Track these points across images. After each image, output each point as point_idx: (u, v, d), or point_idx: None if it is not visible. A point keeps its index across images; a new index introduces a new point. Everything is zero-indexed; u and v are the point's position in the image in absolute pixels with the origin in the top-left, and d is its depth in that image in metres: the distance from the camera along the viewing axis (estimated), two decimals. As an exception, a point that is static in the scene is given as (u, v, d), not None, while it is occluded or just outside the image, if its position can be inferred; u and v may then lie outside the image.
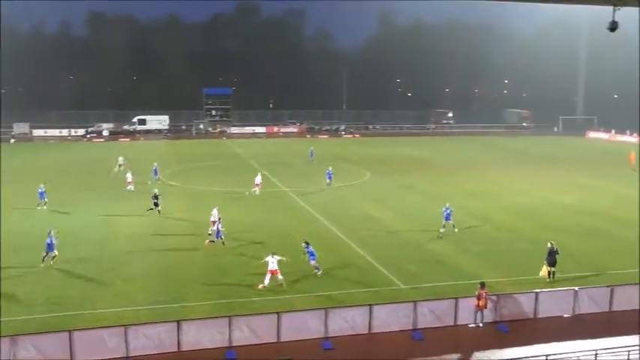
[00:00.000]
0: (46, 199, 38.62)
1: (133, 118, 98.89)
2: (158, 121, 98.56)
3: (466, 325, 21.58)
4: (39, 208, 38.11)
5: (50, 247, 26.91)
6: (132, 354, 18.97)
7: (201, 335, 19.65)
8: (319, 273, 25.95)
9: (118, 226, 34.68)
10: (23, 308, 22.31)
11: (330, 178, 46.81)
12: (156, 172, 48.77)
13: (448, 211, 33.48)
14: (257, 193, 43.46)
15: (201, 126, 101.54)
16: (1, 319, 21.09)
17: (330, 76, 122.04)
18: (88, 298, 23.47)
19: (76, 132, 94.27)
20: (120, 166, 52.76)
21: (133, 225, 34.99)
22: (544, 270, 25.93)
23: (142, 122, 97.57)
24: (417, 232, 33.92)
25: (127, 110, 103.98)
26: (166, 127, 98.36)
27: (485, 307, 21.50)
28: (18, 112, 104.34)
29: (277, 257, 24.86)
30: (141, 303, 22.98)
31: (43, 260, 26.77)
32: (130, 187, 44.55)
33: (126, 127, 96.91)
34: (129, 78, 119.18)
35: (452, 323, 21.56)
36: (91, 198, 42.45)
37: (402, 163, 62.82)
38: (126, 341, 18.99)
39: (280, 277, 24.56)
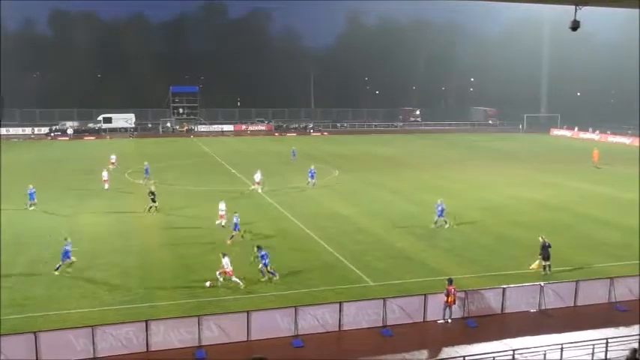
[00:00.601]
0: (35, 200, 37.86)
1: (98, 116, 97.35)
2: (124, 119, 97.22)
3: (435, 321, 21.81)
4: (31, 208, 37.32)
5: (66, 254, 25.79)
6: (99, 355, 18.70)
7: (170, 335, 19.48)
8: (275, 278, 25.01)
9: (84, 226, 34.09)
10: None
11: (312, 177, 46.46)
12: (147, 171, 47.79)
13: (441, 207, 33.96)
14: (259, 191, 43.06)
15: (168, 124, 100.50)
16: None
17: (298, 75, 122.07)
18: (53, 298, 23.04)
19: (39, 130, 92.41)
20: (112, 164, 52.33)
21: (99, 224, 34.49)
22: (537, 264, 26.36)
23: (108, 120, 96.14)
24: (385, 229, 34.15)
25: (92, 108, 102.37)
26: (132, 126, 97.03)
27: (454, 303, 21.77)
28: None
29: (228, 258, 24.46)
30: (109, 303, 22.67)
31: (57, 269, 25.55)
32: (106, 185, 44.02)
33: (91, 125, 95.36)
34: (94, 76, 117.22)
35: (421, 319, 21.77)
36: (58, 196, 41.63)
37: (371, 161, 63.17)
38: (93, 342, 18.71)
39: (235, 279, 24.15)
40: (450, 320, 21.82)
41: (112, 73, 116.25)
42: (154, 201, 37.13)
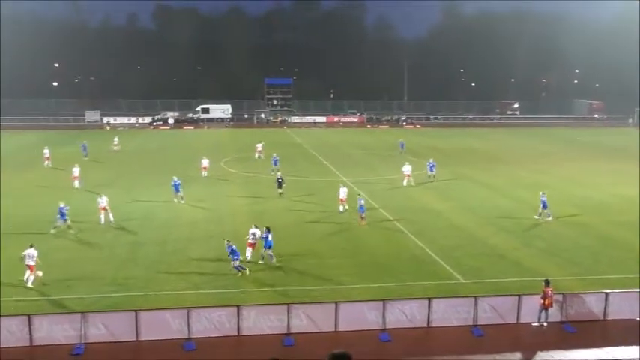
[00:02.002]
0: (181, 192, 37.50)
1: (197, 107, 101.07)
2: (221, 110, 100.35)
3: (529, 323, 20.93)
4: (175, 201, 37.16)
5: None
6: (194, 335, 19.42)
7: (260, 321, 19.90)
8: (273, 261, 25.84)
9: (182, 211, 35.47)
10: (93, 287, 23.20)
11: (431, 170, 45.72)
12: (275, 162, 48.80)
13: (544, 200, 33.61)
14: (412, 184, 43.57)
15: (263, 115, 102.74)
16: (72, 297, 22.03)
17: (392, 67, 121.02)
18: (152, 279, 24.17)
19: (143, 120, 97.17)
20: (259, 152, 55.48)
21: (195, 210, 35.76)
22: None
23: (206, 111, 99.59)
24: (478, 225, 33.22)
25: (191, 99, 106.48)
26: (229, 116, 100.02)
27: (551, 306, 20.75)
28: (90, 100, 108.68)
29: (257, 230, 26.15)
30: (203, 287, 23.48)
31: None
32: (205, 173, 46.14)
33: (190, 115, 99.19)
34: (193, 68, 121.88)
35: (514, 321, 20.97)
36: (159, 183, 43.49)
37: (465, 155, 61.66)
38: (188, 323, 19.45)
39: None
40: (545, 323, 20.87)
41: (210, 65, 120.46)
42: (280, 187, 39.14)
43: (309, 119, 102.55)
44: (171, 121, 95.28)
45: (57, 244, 28.42)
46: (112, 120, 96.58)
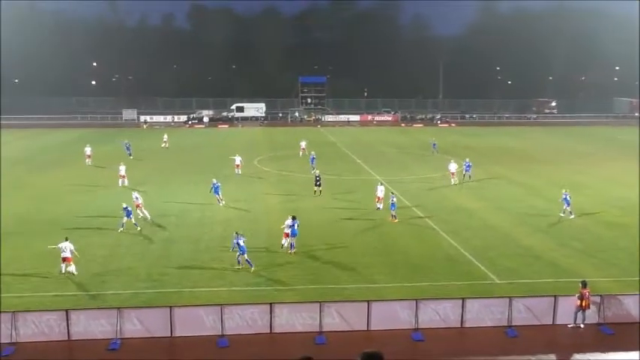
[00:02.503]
0: (220, 195, 37.07)
1: (232, 105, 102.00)
2: (255, 109, 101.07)
3: (565, 325, 20.57)
4: (220, 204, 36.66)
5: (242, 249, 25.00)
6: (227, 332, 19.61)
7: (292, 319, 19.99)
8: (292, 251, 27.09)
9: (215, 210, 35.82)
10: (128, 283, 23.64)
11: (468, 169, 45.38)
12: (313, 160, 49.36)
13: (566, 197, 33.77)
14: (457, 182, 43.67)
15: (297, 114, 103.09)
16: (108, 293, 22.48)
17: (427, 65, 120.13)
18: (185, 276, 24.48)
19: (179, 118, 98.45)
20: (302, 149, 56.64)
21: (229, 208, 36.08)
22: None
23: (240, 109, 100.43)
24: (513, 225, 32.76)
25: (226, 98, 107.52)
26: (263, 115, 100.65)
27: (588, 308, 20.35)
28: (127, 99, 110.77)
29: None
30: (236, 284, 23.69)
31: (239, 263, 25.15)
32: (238, 170, 46.62)
33: (224, 114, 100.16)
34: (228, 67, 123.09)
35: (550, 322, 20.62)
36: (194, 181, 44.04)
37: (500, 154, 60.83)
38: (222, 320, 19.65)
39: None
40: (582, 325, 20.47)
41: (245, 64, 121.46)
42: (318, 185, 39.35)
43: (342, 118, 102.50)
44: (206, 119, 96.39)
45: (94, 241, 29.02)
46: (148, 118, 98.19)
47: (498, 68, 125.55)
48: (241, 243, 25.08)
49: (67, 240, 24.53)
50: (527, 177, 47.38)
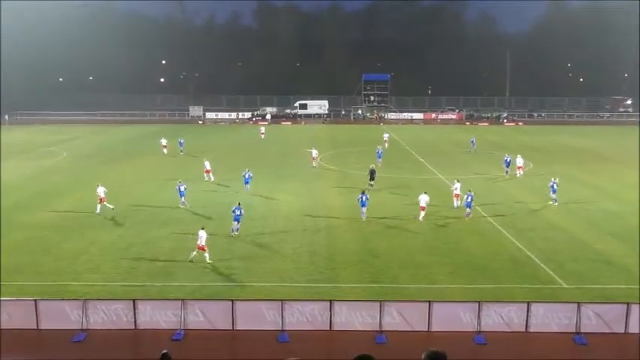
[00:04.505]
0: (247, 187, 39.19)
1: (295, 102, 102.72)
2: (318, 106, 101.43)
3: (638, 334, 19.63)
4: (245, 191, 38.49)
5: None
6: (287, 328, 19.76)
7: (352, 317, 19.94)
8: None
9: (279, 204, 36.18)
10: (194, 275, 24.18)
11: (507, 165, 45.97)
12: (379, 155, 50.57)
13: (553, 184, 36.22)
14: (520, 176, 44.54)
15: (360, 111, 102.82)
16: (174, 284, 23.07)
17: (493, 62, 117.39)
18: (249, 271, 24.82)
19: (243, 115, 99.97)
20: (385, 142, 59.34)
21: (291, 203, 36.38)
22: None
23: (303, 107, 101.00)
24: (582, 228, 31.57)
25: (289, 95, 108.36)
26: (326, 112, 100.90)
27: (663, 317, 19.39)
28: (193, 96, 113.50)
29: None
30: (297, 280, 23.86)
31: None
32: (314, 163, 48.59)
33: (288, 111, 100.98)
34: (292, 65, 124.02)
35: (622, 331, 19.72)
36: (256, 176, 44.60)
37: (570, 154, 58.75)
38: (282, 315, 19.81)
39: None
40: (657, 335, 19.51)
41: (309, 61, 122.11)
42: (372, 179, 39.80)
43: (405, 116, 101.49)
44: (268, 116, 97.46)
45: (162, 234, 29.84)
46: (213, 115, 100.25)
47: (569, 65, 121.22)
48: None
49: (202, 229, 25.94)
50: (598, 178, 45.57)
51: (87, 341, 19.17)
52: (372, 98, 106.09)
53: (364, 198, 32.19)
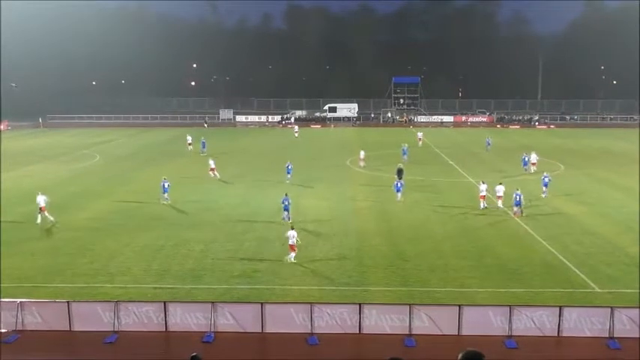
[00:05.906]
0: (289, 177, 43.38)
1: (325, 105, 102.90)
2: (347, 109, 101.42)
3: (674, 339, 19.24)
4: (287, 182, 42.41)
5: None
6: (316, 331, 19.82)
7: (381, 320, 19.91)
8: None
9: (307, 208, 36.16)
10: (223, 278, 24.42)
11: (525, 164, 48.59)
12: (404, 152, 52.60)
13: (544, 178, 38.43)
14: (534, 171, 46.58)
15: (389, 114, 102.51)
16: (203, 287, 23.34)
17: (525, 64, 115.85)
18: (277, 273, 24.97)
19: (273, 118, 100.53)
20: (420, 140, 63.94)
21: (321, 207, 36.34)
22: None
23: (333, 110, 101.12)
24: (616, 232, 30.96)
25: (319, 98, 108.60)
26: (355, 115, 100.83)
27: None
28: (224, 99, 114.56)
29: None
30: (326, 283, 23.90)
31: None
32: (362, 163, 50.13)
33: (317, 114, 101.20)
34: (322, 67, 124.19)
35: (657, 336, 19.36)
36: (284, 179, 44.87)
37: (604, 157, 57.68)
38: (311, 318, 19.88)
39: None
40: (693, 341, 19.06)
41: (339, 64, 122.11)
42: (400, 177, 40.30)
43: (435, 118, 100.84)
44: (292, 119, 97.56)
45: (191, 236, 30.18)
46: (243, 118, 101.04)
47: (603, 67, 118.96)
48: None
49: (292, 229, 26.48)
50: (632, 181, 44.61)
51: (118, 342, 19.50)
52: (401, 101, 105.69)
53: (399, 184, 37.27)
